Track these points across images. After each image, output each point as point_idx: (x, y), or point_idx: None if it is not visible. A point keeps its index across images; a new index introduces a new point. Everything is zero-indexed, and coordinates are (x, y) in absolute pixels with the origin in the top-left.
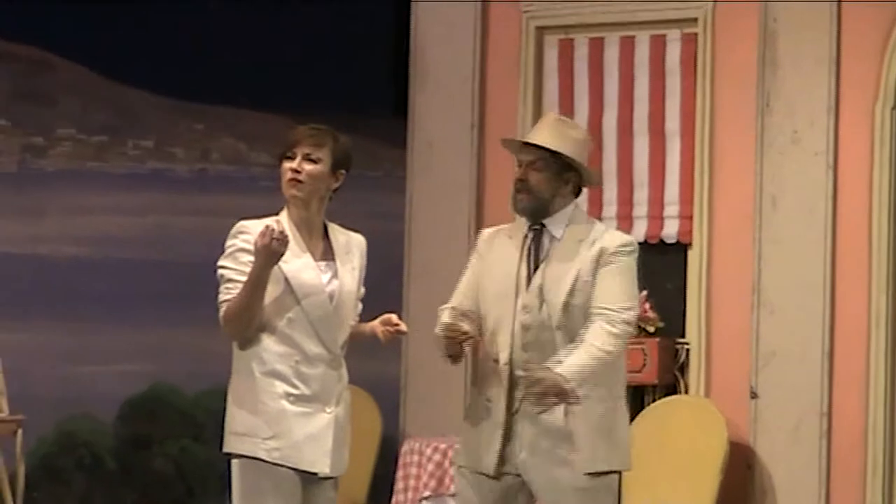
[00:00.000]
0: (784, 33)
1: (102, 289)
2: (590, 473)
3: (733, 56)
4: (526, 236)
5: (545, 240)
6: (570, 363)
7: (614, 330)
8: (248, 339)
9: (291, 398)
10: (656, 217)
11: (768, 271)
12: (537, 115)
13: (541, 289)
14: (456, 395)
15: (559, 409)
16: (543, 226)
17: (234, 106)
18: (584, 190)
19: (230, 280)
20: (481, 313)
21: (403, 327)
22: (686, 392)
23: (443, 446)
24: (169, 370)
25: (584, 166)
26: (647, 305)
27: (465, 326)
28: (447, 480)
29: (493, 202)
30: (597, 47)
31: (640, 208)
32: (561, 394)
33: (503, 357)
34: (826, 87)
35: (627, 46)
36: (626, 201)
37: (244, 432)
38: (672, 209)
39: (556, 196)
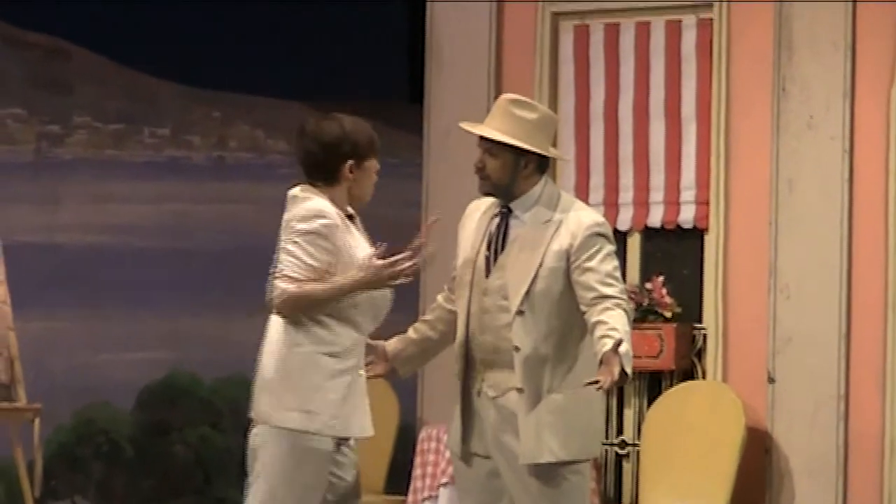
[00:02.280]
0: (799, 17)
1: (120, 277)
2: (537, 464)
3: (749, 41)
4: (494, 217)
5: (511, 223)
6: (625, 351)
7: (628, 314)
8: (306, 318)
9: (346, 374)
10: (672, 202)
11: (785, 256)
12: (553, 100)
13: (503, 273)
14: None
15: (515, 396)
16: (511, 209)
17: (251, 93)
18: (594, 170)
19: (301, 260)
20: None
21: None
22: (703, 377)
23: None
24: (187, 358)
25: (538, 149)
26: (664, 291)
27: (376, 362)
28: None
29: None
30: (612, 33)
31: (657, 194)
32: (620, 379)
33: (460, 336)
34: (842, 71)
35: (643, 32)
36: (642, 187)
37: (312, 409)
38: (688, 194)
39: (517, 180)
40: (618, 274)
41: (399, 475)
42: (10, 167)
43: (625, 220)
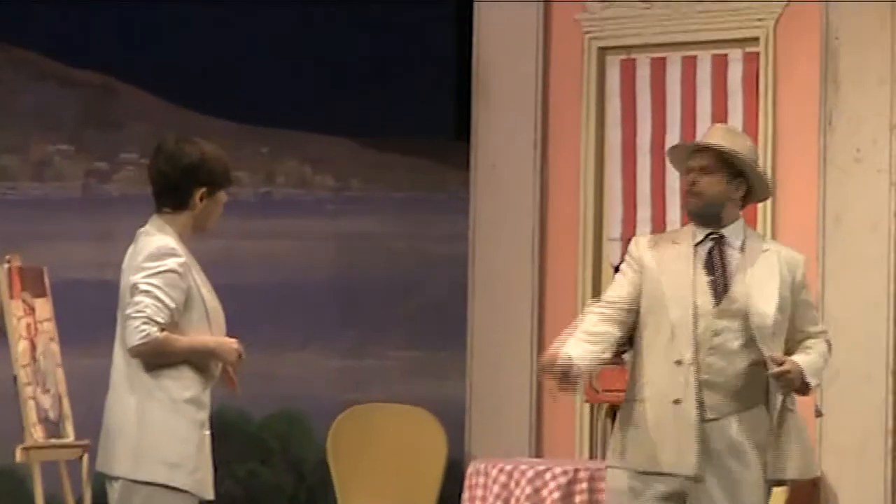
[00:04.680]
0: (845, 51)
1: None
2: (773, 480)
3: (795, 74)
4: (700, 243)
5: (727, 250)
6: (810, 361)
7: (829, 348)
8: (165, 364)
9: (203, 425)
10: None
11: (832, 289)
12: (600, 135)
13: (743, 299)
14: (521, 415)
15: (737, 418)
16: (722, 235)
17: (299, 129)
18: None
19: (163, 303)
20: (642, 312)
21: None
22: None
23: (508, 467)
24: (235, 393)
25: (757, 171)
26: None
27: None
28: (513, 501)
29: (556, 222)
30: (659, 67)
31: None
32: (802, 386)
33: (687, 357)
34: (888, 104)
35: (689, 66)
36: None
37: (176, 462)
38: None
39: (728, 202)
40: None
41: None
42: (59, 203)
43: None
